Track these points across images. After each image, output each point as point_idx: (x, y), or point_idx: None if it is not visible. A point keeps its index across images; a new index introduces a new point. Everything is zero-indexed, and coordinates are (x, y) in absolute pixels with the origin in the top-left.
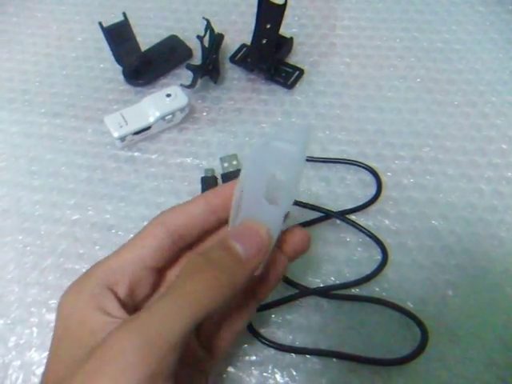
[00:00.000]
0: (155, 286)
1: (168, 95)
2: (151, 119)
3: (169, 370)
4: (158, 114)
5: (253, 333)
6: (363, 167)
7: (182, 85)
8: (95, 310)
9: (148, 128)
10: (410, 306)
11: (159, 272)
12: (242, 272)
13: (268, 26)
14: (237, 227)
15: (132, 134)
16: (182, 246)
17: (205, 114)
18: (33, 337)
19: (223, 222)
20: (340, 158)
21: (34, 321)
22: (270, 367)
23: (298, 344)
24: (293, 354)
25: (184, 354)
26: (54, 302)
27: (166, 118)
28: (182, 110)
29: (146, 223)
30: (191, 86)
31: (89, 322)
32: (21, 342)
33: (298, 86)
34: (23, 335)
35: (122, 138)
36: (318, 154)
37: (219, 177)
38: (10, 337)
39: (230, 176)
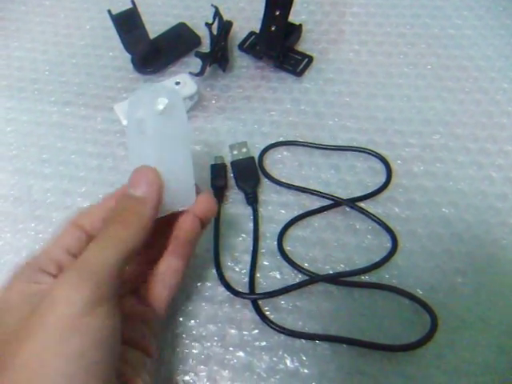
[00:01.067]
0: None
1: (177, 83)
2: (160, 107)
3: (109, 293)
4: (167, 102)
5: (263, 319)
6: (373, 155)
7: (190, 73)
8: (28, 284)
9: None
10: (419, 292)
11: None
12: (146, 209)
13: (277, 13)
14: (130, 178)
15: None
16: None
17: (214, 101)
18: None
19: None
20: (350, 145)
21: None
22: (280, 352)
23: (307, 330)
24: (303, 340)
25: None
26: None
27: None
28: (191, 97)
29: None
30: (200, 73)
31: (23, 293)
32: None
33: (306, 73)
34: None
35: None
36: (327, 141)
37: (228, 164)
38: None
39: (240, 163)
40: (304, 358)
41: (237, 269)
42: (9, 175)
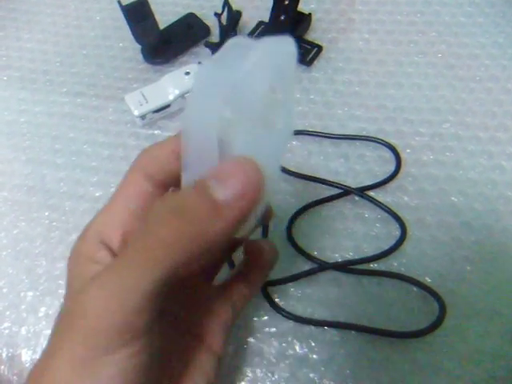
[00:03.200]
0: None
1: (187, 73)
2: (171, 97)
3: (140, 321)
4: (177, 91)
5: (273, 305)
6: (382, 144)
7: (200, 63)
8: (87, 262)
9: (168, 106)
10: (428, 281)
11: None
12: (216, 222)
13: (286, 2)
14: (220, 164)
15: (152, 112)
16: (167, 188)
17: None
18: None
19: None
20: (359, 134)
21: (62, 292)
22: (290, 338)
23: (316, 317)
24: (312, 326)
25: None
26: None
27: (186, 95)
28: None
29: None
30: None
31: (83, 274)
32: (50, 312)
33: (316, 62)
34: (52, 306)
35: (143, 116)
36: (336, 130)
37: None
38: (40, 307)
39: None
40: (313, 344)
41: None
42: (22, 165)
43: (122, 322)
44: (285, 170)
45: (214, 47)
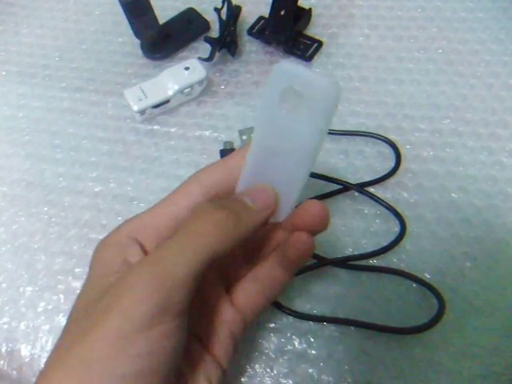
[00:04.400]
0: None
1: (186, 68)
2: (170, 92)
3: (177, 306)
4: (176, 87)
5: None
6: (382, 140)
7: (199, 58)
8: (117, 257)
9: (167, 101)
10: (427, 277)
11: None
12: (249, 217)
13: None
14: (246, 188)
15: (151, 107)
16: None
17: (223, 87)
18: (60, 303)
19: None
20: (359, 130)
21: (61, 288)
22: (289, 334)
23: (315, 313)
24: (311, 322)
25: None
26: (79, 270)
27: (185, 91)
28: (200, 83)
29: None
30: (209, 59)
31: (110, 266)
32: (49, 307)
33: (316, 58)
34: (51, 301)
35: (142, 112)
36: (336, 126)
37: None
38: (39, 303)
39: None
40: (312, 340)
41: None
42: (21, 160)
43: (164, 298)
44: None
45: (214, 42)
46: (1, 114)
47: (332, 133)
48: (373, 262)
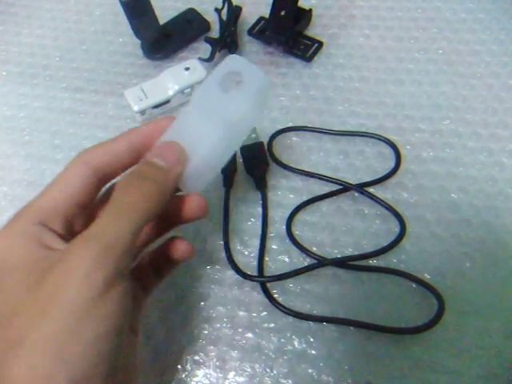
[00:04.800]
0: (89, 222)
1: (186, 69)
2: (170, 92)
3: (126, 270)
4: (176, 87)
5: (271, 301)
6: (382, 140)
7: (200, 58)
8: (34, 245)
9: (167, 101)
10: (427, 277)
11: (90, 208)
12: (166, 178)
13: None
14: (153, 148)
15: (152, 107)
16: (107, 180)
17: None
18: None
19: None
20: (359, 130)
21: None
22: (288, 334)
23: (315, 313)
24: (310, 322)
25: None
26: None
27: (185, 91)
28: (200, 83)
29: None
30: (209, 59)
31: (29, 255)
32: None
33: (316, 58)
34: None
35: (142, 112)
36: (336, 126)
37: (238, 149)
38: None
39: (249, 148)
40: (312, 340)
41: (246, 252)
42: (22, 160)
43: (116, 264)
44: (284, 166)
45: (214, 43)
46: (1, 114)
47: (332, 133)
48: (373, 262)
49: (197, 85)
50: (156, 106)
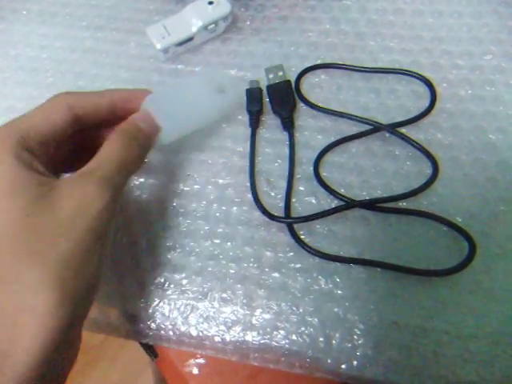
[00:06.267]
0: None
1: (210, 3)
2: (194, 29)
3: (115, 207)
4: (200, 23)
5: (298, 242)
6: (417, 77)
7: None
8: (24, 168)
9: (191, 39)
10: (458, 220)
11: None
12: (145, 139)
13: None
14: (138, 114)
15: (175, 45)
16: (81, 128)
17: (248, 23)
18: None
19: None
20: (392, 67)
21: None
22: (315, 274)
23: (342, 254)
24: (337, 263)
25: None
26: None
27: (209, 27)
28: (224, 19)
29: None
30: None
31: (23, 179)
32: None
33: None
34: None
35: (165, 50)
36: (368, 63)
37: (264, 88)
38: None
39: (276, 87)
40: (338, 280)
41: (272, 194)
42: None
43: (113, 199)
44: (312, 106)
45: None
46: (25, 55)
47: (363, 70)
48: (402, 204)
49: (221, 21)
50: (179, 44)
